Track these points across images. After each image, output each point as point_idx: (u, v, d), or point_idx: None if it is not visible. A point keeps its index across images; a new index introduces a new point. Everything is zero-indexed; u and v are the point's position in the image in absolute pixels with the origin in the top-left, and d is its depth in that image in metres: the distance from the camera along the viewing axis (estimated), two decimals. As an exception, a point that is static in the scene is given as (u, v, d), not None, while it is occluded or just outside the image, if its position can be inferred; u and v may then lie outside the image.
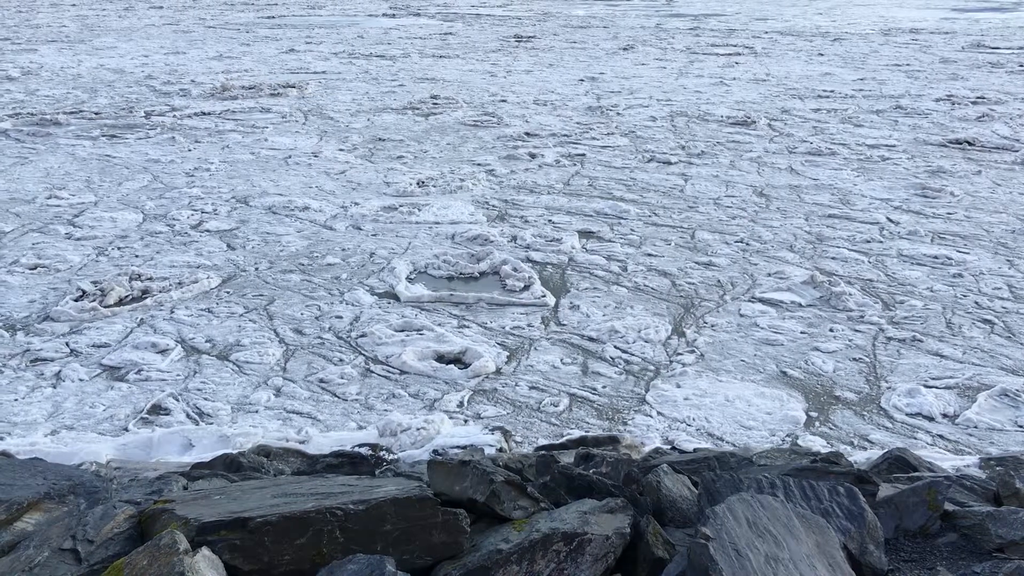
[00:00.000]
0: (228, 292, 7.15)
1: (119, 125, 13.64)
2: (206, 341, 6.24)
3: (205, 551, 2.36)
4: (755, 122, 14.12)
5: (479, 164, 11.49)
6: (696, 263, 7.90)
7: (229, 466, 4.23)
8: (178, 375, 5.76)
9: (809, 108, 15.51)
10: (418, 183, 10.44)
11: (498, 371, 5.85)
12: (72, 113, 14.36)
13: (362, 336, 6.32)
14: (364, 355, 6.06)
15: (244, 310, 6.78)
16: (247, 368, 5.86)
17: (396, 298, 7.04)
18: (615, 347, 6.21)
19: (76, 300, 6.84)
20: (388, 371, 5.85)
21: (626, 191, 10.29)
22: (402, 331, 6.42)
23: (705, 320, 6.67)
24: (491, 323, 6.59)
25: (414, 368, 5.87)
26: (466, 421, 5.24)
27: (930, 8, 40.38)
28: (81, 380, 5.67)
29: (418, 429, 5.02)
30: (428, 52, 23.33)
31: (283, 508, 2.55)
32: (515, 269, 7.55)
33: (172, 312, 6.72)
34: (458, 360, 6.05)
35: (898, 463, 3.99)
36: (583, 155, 12.03)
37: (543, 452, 4.54)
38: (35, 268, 7.56)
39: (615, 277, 7.58)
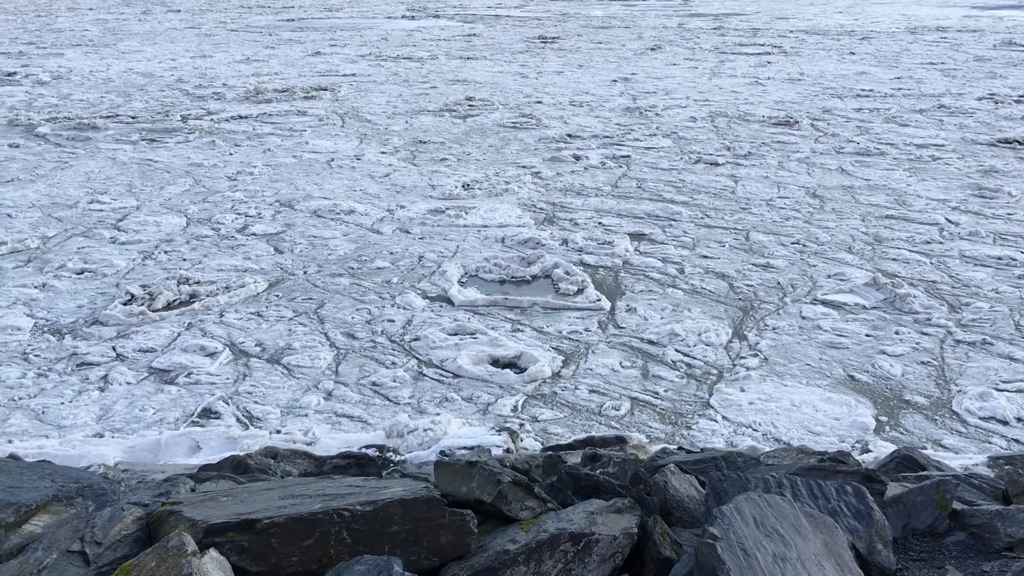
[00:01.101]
0: (277, 296, 7.04)
1: (157, 129, 13.61)
2: (256, 345, 6.13)
3: (213, 552, 2.37)
4: (798, 122, 13.89)
5: (523, 166, 11.33)
6: (753, 265, 7.69)
7: (236, 468, 4.21)
8: (227, 378, 5.66)
9: (850, 108, 15.25)
10: (463, 186, 10.29)
11: (555, 375, 5.70)
12: (109, 117, 14.35)
13: (415, 340, 6.19)
14: (417, 359, 5.92)
15: (293, 314, 6.67)
16: (297, 372, 5.75)
17: (448, 302, 6.90)
18: (675, 350, 6.05)
19: (125, 304, 6.75)
20: (441, 375, 5.72)
21: (676, 193, 10.09)
22: (455, 335, 6.29)
23: (766, 323, 6.48)
24: (546, 327, 6.44)
25: (470, 372, 5.73)
26: (521, 425, 5.10)
27: (949, 6, 39.92)
28: (129, 383, 5.58)
29: (425, 430, 4.93)
30: (455, 54, 23.25)
31: (290, 509, 2.56)
32: (567, 272, 7.38)
33: (221, 316, 6.62)
34: (513, 364, 5.91)
35: (906, 462, 3.95)
36: (628, 156, 11.84)
37: (550, 452, 4.52)
38: (82, 273, 7.48)
39: (671, 280, 7.39)
